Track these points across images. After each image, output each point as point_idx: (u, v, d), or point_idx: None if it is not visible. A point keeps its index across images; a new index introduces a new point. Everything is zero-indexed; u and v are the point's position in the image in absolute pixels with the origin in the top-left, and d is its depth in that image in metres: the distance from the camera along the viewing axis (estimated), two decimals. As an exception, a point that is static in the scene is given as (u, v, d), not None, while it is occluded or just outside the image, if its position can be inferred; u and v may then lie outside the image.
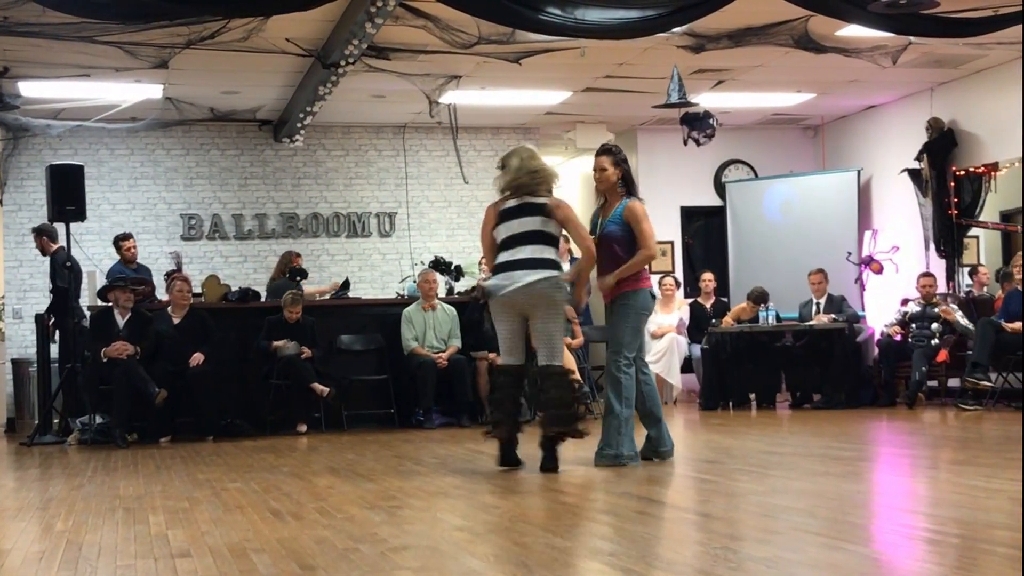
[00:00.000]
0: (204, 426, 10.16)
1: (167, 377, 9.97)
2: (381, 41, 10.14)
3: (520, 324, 6.77)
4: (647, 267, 7.04)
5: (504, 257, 6.73)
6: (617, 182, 6.98)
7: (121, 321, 10.15)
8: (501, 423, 6.81)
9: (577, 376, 6.92)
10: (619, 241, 6.86)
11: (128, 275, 11.08)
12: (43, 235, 11.14)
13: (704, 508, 5.24)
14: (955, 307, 11.56)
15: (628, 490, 5.67)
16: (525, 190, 6.73)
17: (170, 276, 11.06)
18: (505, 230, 6.73)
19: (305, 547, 4.39)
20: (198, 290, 11.45)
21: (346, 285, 12.14)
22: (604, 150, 7.08)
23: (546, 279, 6.61)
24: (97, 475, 7.52)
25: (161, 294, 11.38)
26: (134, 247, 11.74)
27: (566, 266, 8.34)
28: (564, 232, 6.92)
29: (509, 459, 6.83)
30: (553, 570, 3.84)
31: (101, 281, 11.19)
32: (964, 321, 11.38)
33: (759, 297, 12.19)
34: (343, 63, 10.20)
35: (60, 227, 10.74)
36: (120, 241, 11.77)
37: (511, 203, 6.75)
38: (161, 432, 10.03)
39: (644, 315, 6.96)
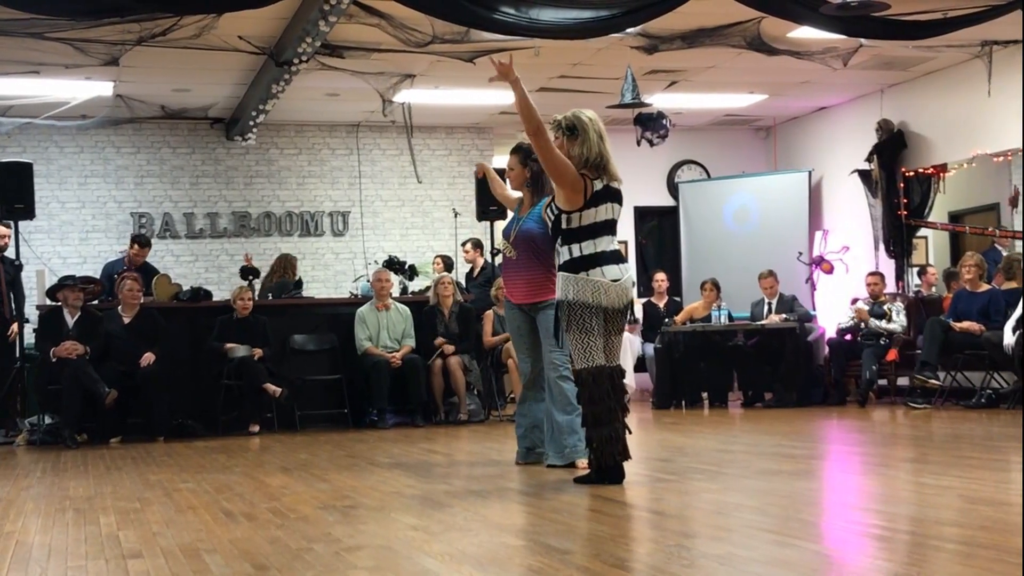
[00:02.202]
0: (155, 426, 10.06)
1: (117, 377, 9.87)
2: (334, 39, 10.10)
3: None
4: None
5: (594, 247, 5.83)
6: (525, 181, 6.73)
7: (71, 320, 10.04)
8: (616, 437, 5.76)
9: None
10: (537, 239, 6.57)
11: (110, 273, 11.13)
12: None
13: (657, 506, 5.25)
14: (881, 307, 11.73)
15: (581, 488, 5.68)
16: (606, 168, 5.88)
17: (120, 275, 10.96)
18: (593, 215, 5.84)
19: (258, 547, 4.36)
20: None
21: (299, 284, 12.08)
22: (513, 149, 6.79)
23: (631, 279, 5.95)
24: (46, 476, 7.43)
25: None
26: (137, 255, 11.57)
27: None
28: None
29: (618, 473, 5.83)
30: (508, 569, 3.85)
31: (51, 280, 11.07)
32: (878, 323, 11.57)
33: (715, 283, 12.33)
34: (296, 61, 10.16)
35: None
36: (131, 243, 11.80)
37: (598, 184, 5.85)
38: (111, 432, 9.92)
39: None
